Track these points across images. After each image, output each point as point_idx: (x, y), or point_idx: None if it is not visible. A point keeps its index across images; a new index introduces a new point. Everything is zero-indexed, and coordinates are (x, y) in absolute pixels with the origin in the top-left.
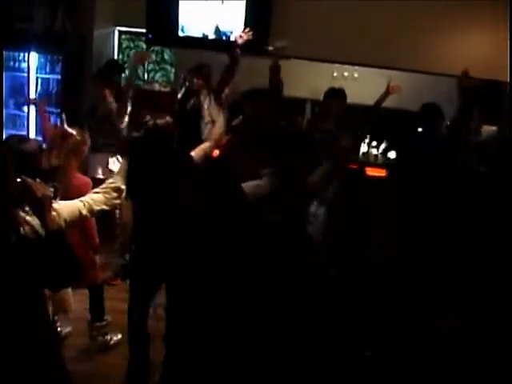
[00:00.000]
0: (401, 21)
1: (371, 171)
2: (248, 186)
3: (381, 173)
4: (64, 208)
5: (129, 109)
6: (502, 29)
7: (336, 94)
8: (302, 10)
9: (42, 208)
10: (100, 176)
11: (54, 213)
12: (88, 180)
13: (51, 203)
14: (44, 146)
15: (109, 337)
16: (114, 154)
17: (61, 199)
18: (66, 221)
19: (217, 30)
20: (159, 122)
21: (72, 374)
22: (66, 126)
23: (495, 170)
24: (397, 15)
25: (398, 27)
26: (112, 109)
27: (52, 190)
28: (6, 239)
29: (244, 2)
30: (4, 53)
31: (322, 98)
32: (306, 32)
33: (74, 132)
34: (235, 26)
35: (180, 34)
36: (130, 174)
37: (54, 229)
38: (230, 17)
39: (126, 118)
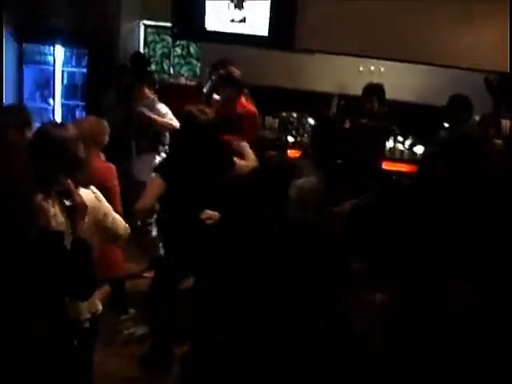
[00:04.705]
0: (428, 15)
1: (398, 166)
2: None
3: (405, 168)
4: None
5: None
6: None
7: (374, 90)
8: (326, 4)
9: (76, 214)
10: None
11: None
12: (111, 165)
13: (86, 213)
14: None
15: (133, 329)
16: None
17: (87, 184)
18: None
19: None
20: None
21: (97, 365)
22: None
23: None
24: (423, 9)
25: (424, 21)
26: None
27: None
28: (22, 230)
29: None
30: (29, 46)
31: (349, 92)
32: (331, 26)
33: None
34: (260, 21)
35: (206, 28)
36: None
37: (81, 237)
38: (256, 12)
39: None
